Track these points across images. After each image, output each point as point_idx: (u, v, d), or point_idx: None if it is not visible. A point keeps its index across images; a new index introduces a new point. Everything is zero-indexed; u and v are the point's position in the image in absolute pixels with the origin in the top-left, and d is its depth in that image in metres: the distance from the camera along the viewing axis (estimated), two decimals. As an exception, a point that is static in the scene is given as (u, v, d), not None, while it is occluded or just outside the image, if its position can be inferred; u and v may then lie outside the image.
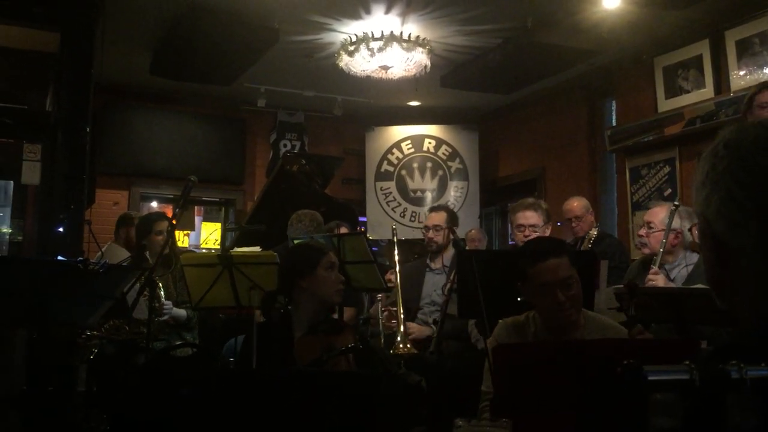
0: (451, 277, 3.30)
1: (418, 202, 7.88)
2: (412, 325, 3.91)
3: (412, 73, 5.77)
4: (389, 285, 3.73)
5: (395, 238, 4.13)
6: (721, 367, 0.66)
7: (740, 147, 0.96)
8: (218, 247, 7.35)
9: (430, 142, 8.09)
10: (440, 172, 8.05)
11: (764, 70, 5.01)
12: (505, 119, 7.90)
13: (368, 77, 5.86)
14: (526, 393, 1.60)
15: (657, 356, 1.64)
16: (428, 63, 5.70)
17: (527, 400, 1.58)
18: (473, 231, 7.03)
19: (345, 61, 5.64)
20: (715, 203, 0.96)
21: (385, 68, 5.64)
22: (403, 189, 8.04)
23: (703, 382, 0.65)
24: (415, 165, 8.07)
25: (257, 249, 4.71)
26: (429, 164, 8.06)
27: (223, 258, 3.45)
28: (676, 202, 3.56)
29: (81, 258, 3.20)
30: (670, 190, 5.75)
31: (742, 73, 5.20)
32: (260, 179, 7.74)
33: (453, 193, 8.02)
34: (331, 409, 2.23)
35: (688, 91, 5.62)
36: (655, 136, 5.81)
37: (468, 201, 7.98)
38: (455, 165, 8.05)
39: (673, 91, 5.75)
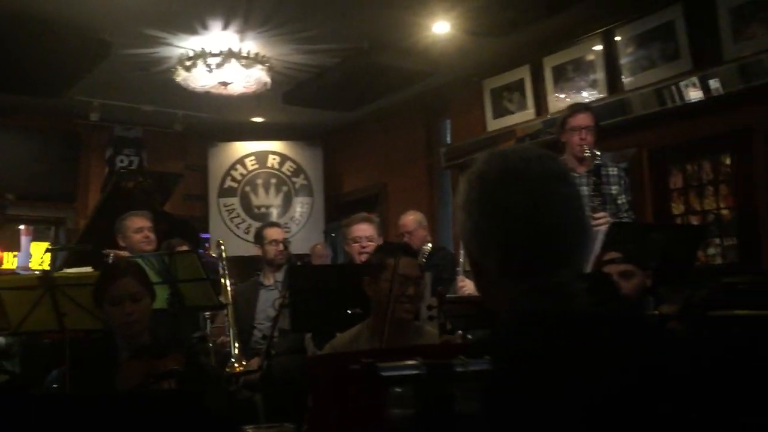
0: (283, 292, 3.35)
1: (263, 218, 7.84)
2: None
3: (253, 90, 5.78)
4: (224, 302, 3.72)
5: (224, 254, 4.12)
6: (447, 362, 0.76)
7: (487, 179, 1.09)
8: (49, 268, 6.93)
9: (274, 158, 8.10)
10: (285, 188, 8.08)
11: (579, 93, 5.48)
12: (348, 136, 8.08)
13: (209, 93, 5.80)
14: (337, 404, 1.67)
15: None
16: (268, 80, 5.73)
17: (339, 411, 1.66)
18: (318, 246, 7.12)
19: (183, 76, 5.56)
20: (468, 229, 1.08)
21: (225, 84, 5.61)
22: (247, 205, 7.99)
23: (431, 375, 0.75)
24: (260, 181, 8.04)
25: (89, 269, 4.51)
26: (273, 180, 8.07)
27: (44, 280, 3.28)
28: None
29: None
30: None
31: (559, 96, 5.66)
32: (94, 196, 7.39)
33: (298, 209, 8.07)
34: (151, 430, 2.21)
35: (512, 112, 6.04)
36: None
37: (313, 217, 8.07)
38: (300, 181, 8.11)
39: (500, 112, 6.16)
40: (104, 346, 2.60)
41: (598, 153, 3.74)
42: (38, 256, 7.53)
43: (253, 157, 8.07)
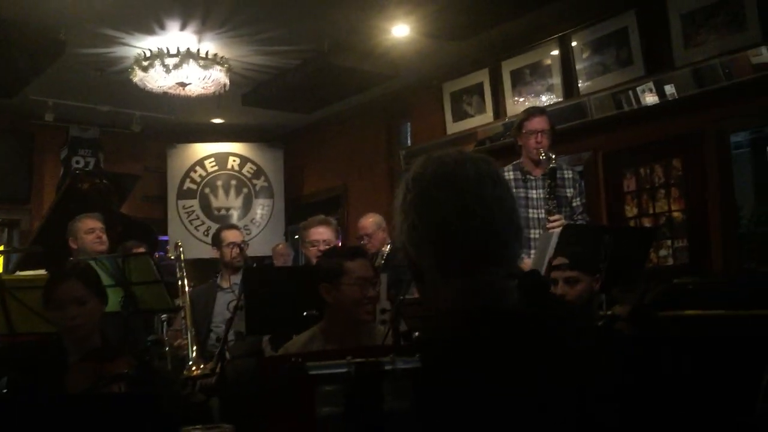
0: (237, 295, 3.33)
1: (223, 220, 7.78)
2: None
3: (211, 91, 5.73)
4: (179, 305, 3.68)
5: (182, 256, 4.08)
6: (376, 360, 0.78)
7: (422, 181, 1.11)
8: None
9: (234, 160, 8.04)
10: (245, 190, 8.03)
11: (537, 97, 5.56)
12: (308, 138, 8.06)
13: (167, 93, 5.74)
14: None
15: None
16: (227, 81, 5.69)
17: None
18: (280, 246, 7.10)
19: (139, 77, 5.49)
20: (405, 230, 1.10)
21: (183, 85, 5.55)
22: (206, 207, 7.92)
23: (359, 373, 0.76)
24: (219, 183, 7.98)
25: (42, 272, 4.43)
26: (233, 182, 8.01)
27: (-8, 283, 3.21)
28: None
29: None
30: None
31: (516, 99, 5.73)
32: (49, 197, 7.25)
33: (259, 211, 8.03)
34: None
35: (471, 115, 6.10)
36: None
37: (274, 218, 8.04)
38: (260, 183, 8.07)
39: (459, 115, 6.21)
40: (53, 349, 2.55)
41: (553, 156, 3.80)
42: (-5, 259, 7.36)
43: (212, 159, 8.00)
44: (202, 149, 8.00)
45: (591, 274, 2.76)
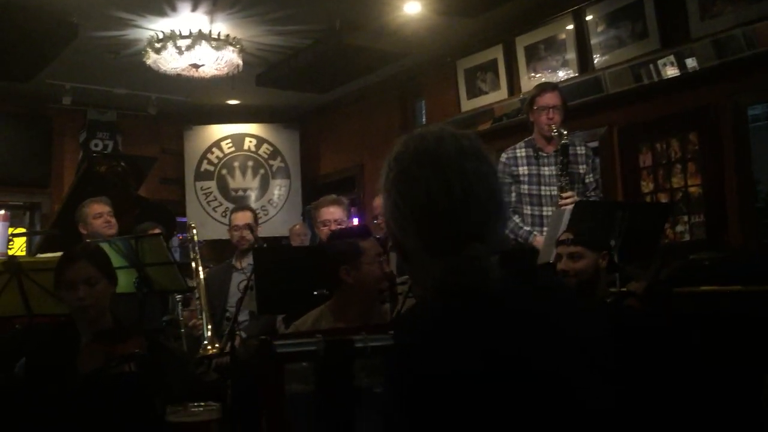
0: (248, 275, 3.35)
1: (240, 201, 7.83)
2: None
3: (224, 72, 5.73)
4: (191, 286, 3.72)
5: (195, 237, 4.11)
6: (347, 338, 0.78)
7: (403, 159, 1.11)
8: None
9: (250, 141, 8.07)
10: (262, 171, 8.06)
11: (552, 73, 5.48)
12: (324, 118, 8.05)
13: (180, 75, 5.75)
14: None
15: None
16: (240, 62, 5.69)
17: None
18: (297, 226, 7.11)
19: (153, 59, 5.51)
20: (389, 209, 1.10)
21: (196, 66, 5.56)
22: (224, 188, 7.96)
23: (329, 351, 0.76)
24: (236, 164, 8.02)
25: (60, 254, 4.49)
26: (250, 163, 8.04)
27: (9, 264, 3.26)
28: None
29: None
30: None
31: (531, 75, 5.67)
32: (69, 180, 7.30)
33: (276, 192, 8.06)
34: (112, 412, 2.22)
35: (486, 93, 6.05)
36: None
37: (291, 198, 8.06)
38: (277, 163, 8.09)
39: (473, 92, 6.16)
40: (67, 331, 2.60)
41: (565, 132, 3.75)
42: (17, 242, 7.47)
43: (229, 140, 8.03)
44: (218, 130, 8.03)
45: (596, 250, 2.73)
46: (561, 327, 1.03)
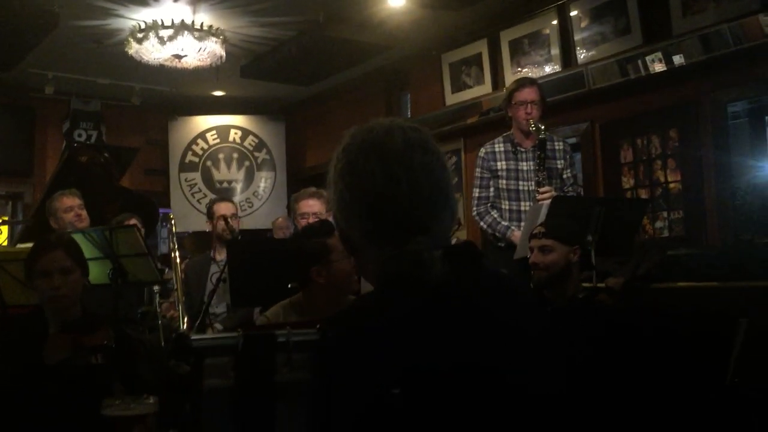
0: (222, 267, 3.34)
1: (225, 193, 7.80)
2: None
3: (207, 63, 5.70)
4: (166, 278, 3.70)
5: (173, 228, 4.10)
6: (268, 333, 0.77)
7: (350, 151, 1.10)
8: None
9: (236, 133, 8.04)
10: (247, 163, 8.03)
11: (536, 68, 5.48)
12: (309, 110, 8.02)
13: (164, 66, 5.72)
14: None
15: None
16: (223, 53, 5.66)
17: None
18: (280, 219, 7.09)
19: (135, 49, 5.46)
20: (335, 201, 1.09)
21: (179, 57, 5.53)
22: (208, 180, 7.93)
23: (248, 345, 0.75)
24: (221, 156, 7.99)
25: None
26: (235, 155, 8.01)
27: (-20, 255, 3.24)
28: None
29: None
30: (456, 179, 6.15)
31: (515, 70, 5.66)
32: (52, 170, 7.29)
33: (261, 184, 8.04)
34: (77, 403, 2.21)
35: (470, 87, 6.04)
36: (441, 129, 6.15)
37: (276, 191, 8.04)
38: (262, 155, 8.06)
39: (458, 86, 6.15)
40: (35, 322, 2.58)
41: (543, 127, 3.75)
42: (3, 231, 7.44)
43: (214, 132, 8.00)
44: (203, 122, 7.99)
45: (567, 243, 2.74)
46: (501, 320, 1.03)
